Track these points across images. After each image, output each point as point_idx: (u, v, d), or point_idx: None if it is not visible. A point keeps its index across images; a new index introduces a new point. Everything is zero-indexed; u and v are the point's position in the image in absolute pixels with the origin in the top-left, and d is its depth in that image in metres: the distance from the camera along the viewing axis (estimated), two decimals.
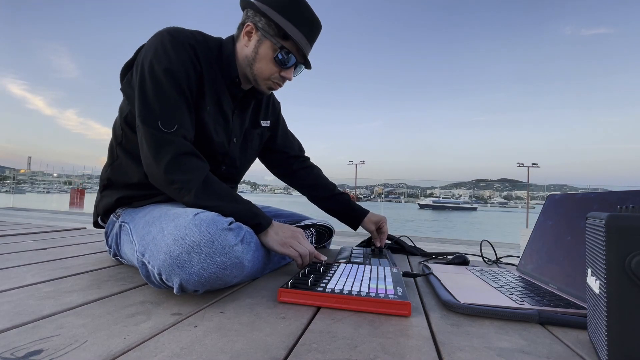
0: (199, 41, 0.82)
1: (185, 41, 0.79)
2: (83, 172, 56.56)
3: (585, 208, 0.71)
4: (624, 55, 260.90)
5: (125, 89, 0.83)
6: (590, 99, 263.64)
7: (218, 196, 0.74)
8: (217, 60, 0.86)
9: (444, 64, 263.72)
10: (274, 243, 0.75)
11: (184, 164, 0.73)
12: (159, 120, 0.74)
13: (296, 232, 0.80)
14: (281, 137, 1.18)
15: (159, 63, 0.75)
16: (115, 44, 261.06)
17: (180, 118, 0.76)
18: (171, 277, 0.59)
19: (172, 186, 0.73)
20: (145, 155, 0.75)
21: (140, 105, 0.75)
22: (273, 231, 0.76)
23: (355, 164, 26.36)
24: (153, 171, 0.75)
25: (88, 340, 0.43)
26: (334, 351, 0.43)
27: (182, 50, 0.78)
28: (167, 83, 0.75)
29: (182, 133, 0.75)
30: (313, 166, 1.28)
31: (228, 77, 0.87)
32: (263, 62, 0.84)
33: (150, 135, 0.73)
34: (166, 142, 0.73)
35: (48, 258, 0.94)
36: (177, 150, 0.73)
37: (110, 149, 0.90)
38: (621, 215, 0.38)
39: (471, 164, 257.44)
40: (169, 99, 0.75)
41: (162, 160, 0.72)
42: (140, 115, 0.74)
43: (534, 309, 0.57)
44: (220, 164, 0.93)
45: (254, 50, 0.84)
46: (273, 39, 0.81)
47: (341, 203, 1.23)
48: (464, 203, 54.66)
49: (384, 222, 1.21)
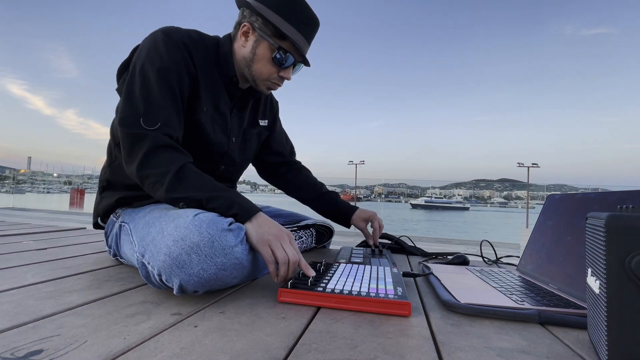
0: (194, 40, 0.81)
1: (179, 41, 0.78)
2: (83, 172, 56.52)
3: (585, 208, 0.71)
4: (624, 55, 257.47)
5: (121, 89, 0.82)
6: (591, 98, 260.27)
7: (193, 187, 0.69)
8: (214, 59, 0.85)
9: (444, 64, 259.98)
10: (252, 236, 0.65)
11: (158, 157, 0.71)
12: (142, 116, 0.72)
13: (282, 233, 0.67)
14: (277, 137, 1.17)
15: (151, 63, 0.74)
16: (115, 44, 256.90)
17: (165, 116, 0.74)
18: (171, 277, 0.59)
19: (146, 181, 0.71)
20: (123, 155, 0.74)
21: (123, 105, 0.74)
22: (256, 224, 0.67)
23: (355, 164, 26.38)
24: (129, 170, 0.73)
25: (88, 340, 0.43)
26: (334, 351, 0.43)
27: (176, 50, 0.77)
28: (155, 82, 0.74)
29: (164, 130, 0.73)
30: (302, 168, 1.26)
31: (225, 76, 0.86)
32: (261, 63, 0.83)
33: (127, 135, 0.72)
34: (141, 138, 0.71)
35: (48, 258, 0.94)
36: (152, 144, 0.71)
37: (108, 150, 0.90)
38: (621, 215, 0.38)
39: (471, 163, 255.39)
40: (155, 97, 0.73)
41: (137, 156, 0.71)
42: (120, 115, 0.73)
43: (534, 309, 0.57)
44: (219, 164, 0.93)
45: (251, 51, 0.83)
46: (270, 39, 0.81)
47: (328, 202, 1.21)
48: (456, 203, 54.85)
49: (375, 218, 1.17)
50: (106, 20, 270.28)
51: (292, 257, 0.65)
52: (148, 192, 0.73)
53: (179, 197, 0.68)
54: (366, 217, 1.18)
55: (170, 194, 0.69)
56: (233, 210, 0.67)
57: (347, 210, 1.20)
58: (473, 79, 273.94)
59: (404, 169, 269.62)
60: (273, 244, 0.65)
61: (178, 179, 0.69)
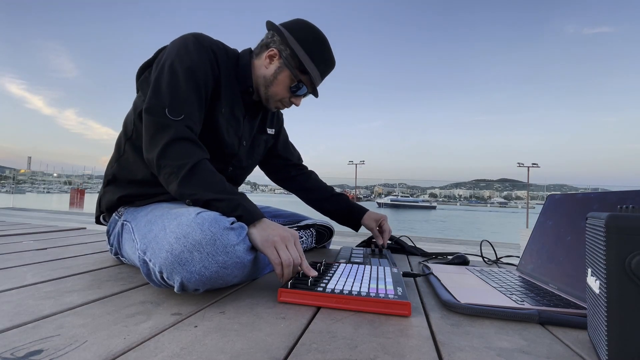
0: (220, 48, 0.88)
1: (208, 46, 0.84)
2: (83, 172, 56.53)
3: (585, 208, 0.71)
4: (625, 55, 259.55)
5: (141, 85, 0.86)
6: (591, 98, 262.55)
7: (202, 185, 0.71)
8: (234, 69, 0.91)
9: (444, 64, 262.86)
10: (257, 239, 0.67)
11: (179, 148, 0.73)
12: (167, 107, 0.75)
13: (288, 235, 0.68)
14: (282, 145, 1.23)
15: (181, 62, 0.79)
16: (114, 44, 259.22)
17: (189, 110, 0.77)
18: (172, 275, 0.59)
19: (163, 170, 0.73)
20: (144, 141, 0.76)
21: (150, 95, 0.77)
22: (260, 226, 0.69)
23: (355, 164, 26.34)
24: (148, 156, 0.75)
25: (88, 340, 0.43)
26: (334, 351, 0.43)
27: (204, 53, 0.82)
28: (183, 78, 0.78)
29: (187, 122, 0.76)
30: (311, 172, 1.31)
31: (243, 85, 0.92)
32: (279, 87, 0.91)
33: (152, 122, 0.75)
34: (166, 127, 0.74)
35: (48, 258, 0.94)
36: (175, 135, 0.73)
37: (117, 144, 0.91)
38: (621, 215, 0.38)
39: (471, 163, 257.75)
40: (182, 91, 0.77)
41: (159, 144, 0.73)
42: (147, 104, 0.76)
43: (534, 309, 0.57)
44: (228, 165, 0.97)
45: (273, 75, 0.90)
46: (293, 70, 0.88)
47: (339, 204, 1.24)
48: (422, 202, 54.95)
49: (385, 220, 1.21)
50: (106, 20, 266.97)
51: (296, 260, 0.67)
52: (163, 182, 0.75)
53: (187, 192, 0.71)
54: (376, 218, 1.22)
55: (182, 188, 0.71)
56: (237, 212, 0.69)
57: (359, 211, 1.23)
58: (474, 78, 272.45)
59: (404, 168, 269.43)
60: (278, 245, 0.66)
61: (191, 174, 0.71)
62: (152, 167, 0.75)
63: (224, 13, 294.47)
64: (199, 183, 0.71)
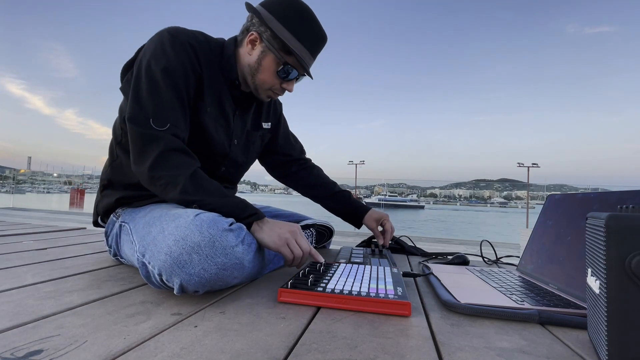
0: (200, 41, 0.82)
1: (185, 41, 0.78)
2: (83, 172, 56.54)
3: (585, 208, 0.71)
4: (625, 54, 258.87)
5: (124, 88, 0.82)
6: (591, 98, 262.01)
7: (205, 191, 0.71)
8: (218, 61, 0.85)
9: (444, 64, 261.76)
10: (268, 239, 0.70)
11: (171, 159, 0.72)
12: (151, 117, 0.73)
13: (294, 229, 0.73)
14: (282, 139, 1.17)
15: (157, 62, 0.75)
16: (114, 44, 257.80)
17: (173, 117, 0.75)
18: (171, 277, 0.59)
19: (158, 182, 0.72)
20: (132, 154, 0.75)
21: (132, 103, 0.74)
22: (268, 227, 0.71)
23: (355, 164, 26.35)
24: (139, 169, 0.74)
25: (88, 340, 0.43)
26: (334, 351, 0.43)
27: (182, 50, 0.77)
28: (163, 82, 0.74)
29: (173, 131, 0.74)
30: (314, 166, 1.27)
31: (228, 78, 0.87)
32: (266, 74, 0.84)
33: (138, 134, 0.73)
34: (154, 139, 0.72)
35: (48, 258, 0.94)
36: (165, 146, 0.72)
37: (110, 149, 0.90)
38: (621, 215, 0.38)
39: (471, 163, 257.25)
40: (163, 97, 0.74)
41: (149, 157, 0.72)
42: (129, 113, 0.74)
43: (534, 309, 0.57)
44: (220, 165, 0.94)
45: (257, 61, 0.83)
46: (277, 52, 0.81)
47: (341, 201, 1.22)
48: (410, 201, 54.75)
49: (387, 220, 1.19)
50: (105, 19, 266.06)
51: (306, 250, 0.73)
52: (156, 192, 0.74)
53: (193, 199, 0.70)
54: (378, 218, 1.19)
55: (185, 196, 0.70)
56: (246, 213, 0.70)
57: (359, 209, 1.20)
58: (474, 79, 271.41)
59: (404, 168, 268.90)
60: (290, 242, 0.71)
61: (191, 182, 0.71)
62: (143, 179, 0.74)
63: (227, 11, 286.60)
64: (203, 189, 0.71)
